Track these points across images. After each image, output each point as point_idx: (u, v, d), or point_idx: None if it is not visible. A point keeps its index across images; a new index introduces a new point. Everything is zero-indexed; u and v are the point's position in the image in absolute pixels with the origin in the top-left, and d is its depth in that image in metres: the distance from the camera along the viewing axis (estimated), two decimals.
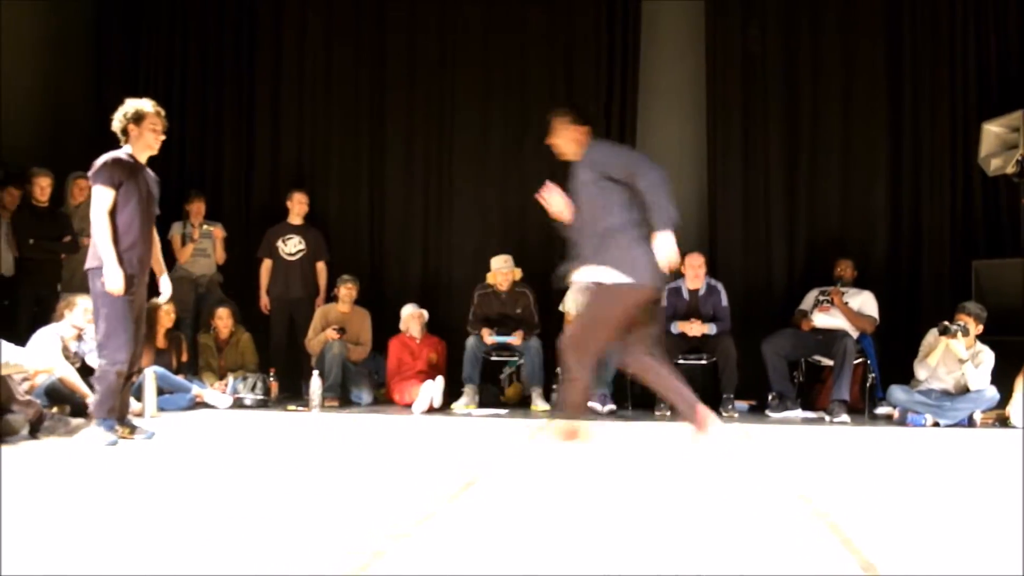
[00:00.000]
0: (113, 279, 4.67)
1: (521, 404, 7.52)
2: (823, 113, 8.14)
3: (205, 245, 7.98)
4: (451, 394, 7.19)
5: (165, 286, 5.20)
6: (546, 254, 8.28)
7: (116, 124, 4.91)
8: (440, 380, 7.08)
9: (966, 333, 6.36)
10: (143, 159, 4.95)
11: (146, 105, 4.93)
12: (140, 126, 4.88)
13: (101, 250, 4.71)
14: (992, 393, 6.41)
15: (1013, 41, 7.88)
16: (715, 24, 8.21)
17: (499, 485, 3.63)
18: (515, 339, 7.32)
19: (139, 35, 8.89)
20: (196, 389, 6.95)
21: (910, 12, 8.02)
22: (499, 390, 7.78)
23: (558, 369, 7.39)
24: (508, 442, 5.17)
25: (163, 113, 5.00)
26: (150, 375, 6.29)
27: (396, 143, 8.61)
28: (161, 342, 6.99)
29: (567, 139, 4.63)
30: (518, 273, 7.58)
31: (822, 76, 8.14)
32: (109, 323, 4.71)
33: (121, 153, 4.86)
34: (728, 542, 2.63)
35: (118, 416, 4.86)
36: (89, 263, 4.79)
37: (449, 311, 8.18)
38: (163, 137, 4.98)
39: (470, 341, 7.36)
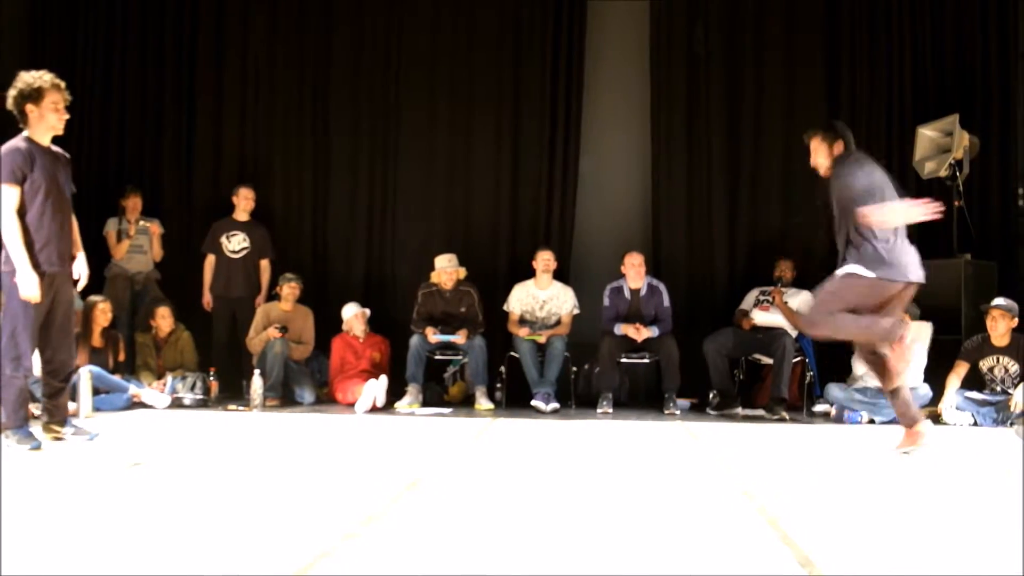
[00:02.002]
0: (27, 285, 4.38)
1: (465, 403, 7.52)
2: (764, 115, 8.26)
3: (141, 241, 7.84)
4: (394, 393, 7.16)
5: (80, 267, 4.82)
6: (490, 253, 8.32)
7: (10, 103, 4.49)
8: (383, 379, 7.04)
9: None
10: (46, 141, 4.57)
11: (44, 80, 4.50)
12: (39, 105, 4.48)
13: (12, 254, 4.41)
14: (925, 391, 6.58)
15: (948, 47, 8.08)
16: (660, 25, 8.29)
17: (443, 485, 3.62)
18: (459, 338, 7.31)
19: (75, 23, 8.67)
20: (133, 389, 6.82)
21: (849, 17, 8.18)
22: (443, 389, 7.76)
23: (502, 368, 7.45)
24: (452, 441, 5.16)
25: (63, 86, 4.56)
26: (85, 374, 6.16)
27: (340, 140, 8.54)
28: (97, 341, 6.85)
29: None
30: (462, 272, 7.56)
31: (764, 78, 8.26)
32: (15, 327, 4.42)
33: (19, 142, 4.49)
34: (669, 538, 2.65)
35: (60, 419, 4.73)
36: (4, 266, 4.48)
37: (393, 310, 8.14)
38: (67, 116, 4.57)
39: (414, 340, 7.33)
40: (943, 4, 8.11)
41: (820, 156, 5.14)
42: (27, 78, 4.52)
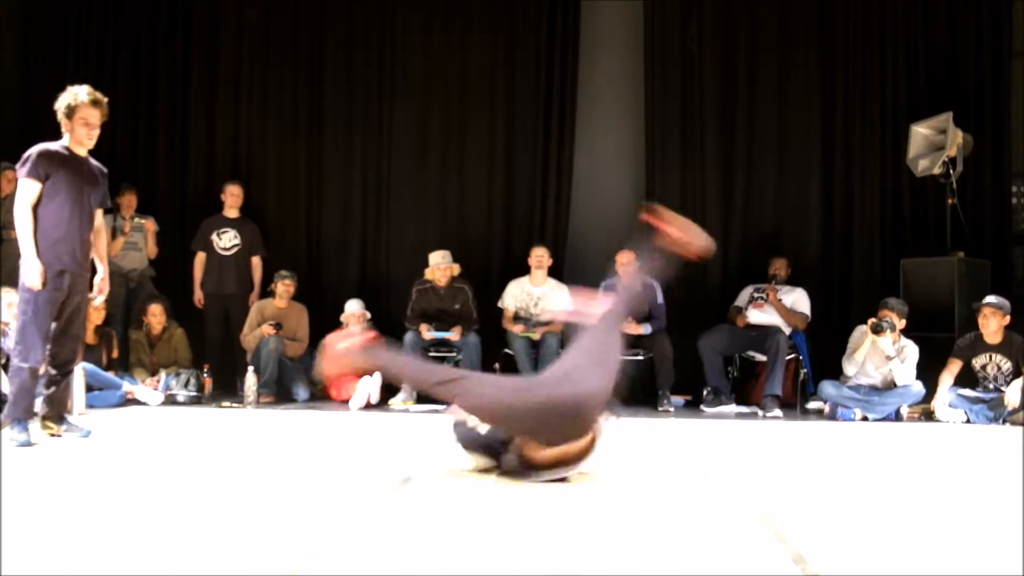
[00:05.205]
0: (29, 273, 4.49)
1: None
2: (758, 113, 8.27)
3: (136, 239, 7.83)
4: (389, 390, 7.15)
5: (99, 283, 4.98)
6: (484, 250, 8.32)
7: (57, 115, 4.70)
8: (378, 376, 7.04)
9: (893, 329, 6.55)
10: (80, 152, 4.74)
11: (80, 96, 4.65)
12: (72, 120, 4.65)
13: (20, 243, 4.54)
14: (918, 388, 6.60)
15: (941, 45, 8.09)
16: (654, 23, 8.28)
17: (436, 481, 3.62)
18: (453, 335, 7.31)
19: (68, 21, 8.65)
20: (127, 386, 6.81)
21: (843, 16, 8.18)
22: None
23: (496, 365, 7.44)
24: (445, 438, 5.15)
25: (103, 101, 4.73)
26: (78, 371, 6.14)
27: (334, 138, 8.52)
28: (91, 338, 6.83)
29: None
30: (456, 269, 7.56)
31: (758, 77, 8.26)
32: (24, 319, 4.52)
33: (55, 145, 4.66)
34: (662, 536, 2.66)
35: (56, 415, 4.74)
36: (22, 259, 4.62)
37: (387, 307, 8.14)
38: (97, 132, 4.74)
39: (408, 336, 7.33)
40: (937, 2, 8.12)
41: None
42: (67, 94, 4.69)
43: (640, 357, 7.46)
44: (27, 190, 4.57)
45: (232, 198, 7.95)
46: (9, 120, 8.11)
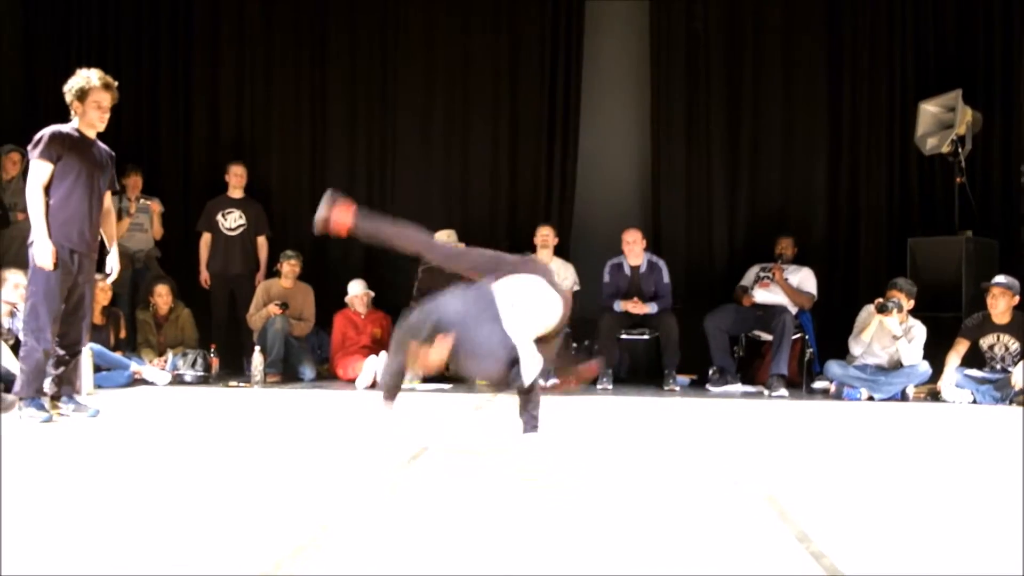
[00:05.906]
0: (41, 252, 4.54)
1: (465, 378, 7.52)
2: (764, 94, 8.22)
3: (142, 220, 7.84)
4: None
5: (110, 262, 5.05)
6: (490, 230, 8.31)
7: (66, 97, 4.72)
8: (384, 355, 7.04)
9: (900, 309, 6.52)
10: (91, 135, 4.77)
11: (92, 79, 4.69)
12: (84, 103, 4.69)
13: (32, 223, 4.59)
14: (925, 368, 6.59)
15: (950, 22, 8.03)
16: (660, 6, 8.23)
17: (442, 461, 3.62)
18: None
19: (70, 1, 8.63)
20: (134, 366, 6.84)
21: None
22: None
23: None
24: (452, 416, 5.17)
25: (113, 84, 4.78)
26: (86, 352, 6.16)
27: (338, 118, 8.51)
28: (98, 318, 6.85)
29: None
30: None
31: (764, 56, 8.21)
32: (35, 299, 4.58)
33: (66, 127, 4.70)
34: (667, 515, 2.66)
35: (62, 394, 4.79)
36: (30, 238, 4.66)
37: (393, 286, 8.13)
38: (108, 115, 4.78)
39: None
40: None
41: None
42: (78, 78, 4.71)
43: (646, 336, 7.47)
44: (39, 171, 4.60)
45: (236, 178, 7.95)
46: (10, 100, 8.09)
